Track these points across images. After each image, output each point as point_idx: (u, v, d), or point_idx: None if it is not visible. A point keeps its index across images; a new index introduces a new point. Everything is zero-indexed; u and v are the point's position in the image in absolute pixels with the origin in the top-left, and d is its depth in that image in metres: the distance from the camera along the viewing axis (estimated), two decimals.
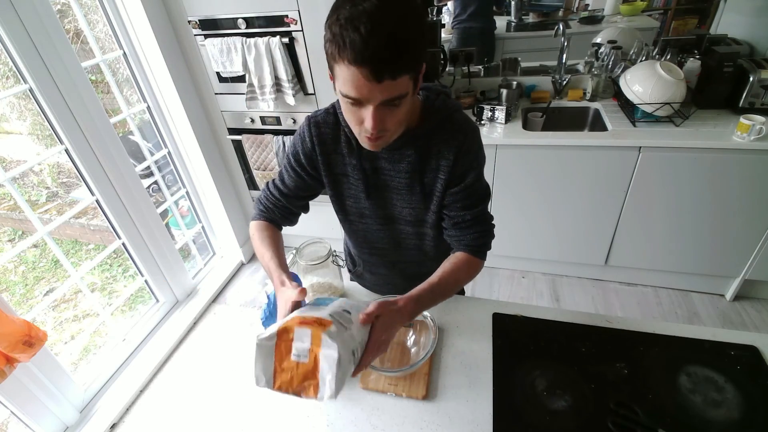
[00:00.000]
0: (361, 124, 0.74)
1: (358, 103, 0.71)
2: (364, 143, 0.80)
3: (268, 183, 1.03)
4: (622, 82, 1.93)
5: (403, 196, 0.94)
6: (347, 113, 0.76)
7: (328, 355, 0.63)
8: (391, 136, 0.80)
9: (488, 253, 0.96)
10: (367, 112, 0.71)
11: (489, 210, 0.96)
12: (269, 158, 2.32)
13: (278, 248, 0.94)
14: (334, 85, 0.74)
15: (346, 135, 0.91)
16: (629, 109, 1.96)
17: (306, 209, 1.06)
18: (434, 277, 0.87)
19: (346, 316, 0.70)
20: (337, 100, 0.91)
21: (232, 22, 1.97)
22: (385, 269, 1.13)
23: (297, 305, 0.75)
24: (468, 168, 0.88)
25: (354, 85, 0.67)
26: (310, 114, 0.94)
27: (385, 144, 0.81)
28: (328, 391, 0.63)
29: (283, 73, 2.01)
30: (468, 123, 0.89)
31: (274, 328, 0.66)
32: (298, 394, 0.66)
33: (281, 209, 1.01)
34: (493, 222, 0.96)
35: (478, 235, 0.93)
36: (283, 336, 0.65)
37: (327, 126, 0.92)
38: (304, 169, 0.96)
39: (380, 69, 0.65)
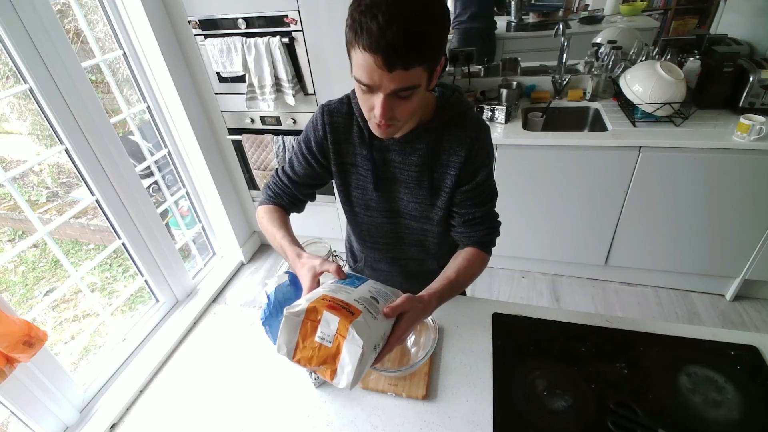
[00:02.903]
0: (372, 110, 0.75)
1: (369, 89, 0.72)
2: (374, 129, 0.81)
3: (277, 169, 1.05)
4: (622, 82, 1.93)
5: (410, 190, 0.95)
6: (360, 98, 0.77)
7: (352, 349, 0.63)
8: (401, 126, 0.80)
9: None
10: (378, 100, 0.72)
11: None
12: (269, 158, 2.32)
13: (288, 228, 0.96)
14: (351, 68, 0.75)
15: (358, 125, 0.92)
16: (629, 109, 1.96)
17: (313, 198, 1.07)
18: (451, 273, 0.88)
19: (375, 305, 0.70)
20: (352, 90, 0.92)
21: (232, 22, 1.97)
22: (386, 265, 1.13)
23: (317, 275, 0.77)
24: (480, 165, 0.90)
25: (366, 71, 0.68)
26: (324, 102, 0.95)
27: (395, 132, 0.82)
28: (344, 381, 0.64)
29: (283, 73, 2.01)
30: (481, 121, 0.90)
31: (304, 304, 0.67)
32: (314, 371, 0.67)
33: (289, 196, 1.02)
34: (499, 220, 0.98)
35: (487, 232, 0.95)
36: (311, 315, 0.66)
37: (340, 115, 0.93)
38: (314, 156, 0.97)
39: (392, 59, 0.65)
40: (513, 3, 2.39)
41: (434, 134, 0.89)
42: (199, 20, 2.01)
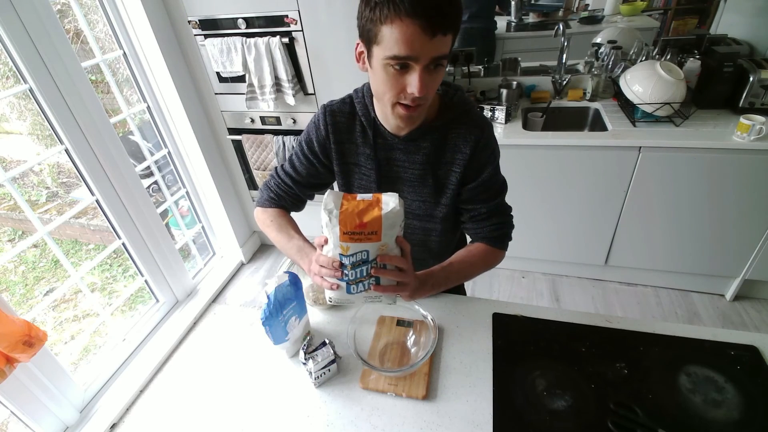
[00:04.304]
0: (402, 92, 0.75)
1: (404, 66, 0.71)
2: (399, 117, 0.80)
3: (276, 169, 1.04)
4: (622, 82, 1.93)
5: (414, 189, 0.95)
6: (387, 83, 0.75)
7: (391, 195, 0.72)
8: (423, 111, 0.81)
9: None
10: (413, 76, 0.72)
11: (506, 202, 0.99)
12: (269, 158, 2.32)
13: (300, 232, 0.98)
14: (368, 64, 0.76)
15: (361, 124, 0.92)
16: (629, 109, 1.96)
17: (312, 197, 1.08)
18: (447, 261, 0.90)
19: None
20: (354, 90, 0.92)
21: (232, 22, 1.97)
22: None
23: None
24: (485, 163, 0.90)
25: (407, 40, 0.68)
26: (326, 103, 0.95)
27: (419, 117, 0.82)
28: (392, 203, 0.71)
29: (283, 73, 2.01)
30: (484, 119, 0.91)
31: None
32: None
33: (292, 197, 1.03)
34: (511, 213, 0.99)
35: (495, 227, 0.96)
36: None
37: (342, 115, 0.93)
38: (316, 156, 0.97)
39: (435, 21, 0.66)
40: (513, 3, 2.39)
41: (439, 132, 0.89)
42: (199, 20, 2.01)
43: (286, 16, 1.89)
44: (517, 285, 2.41)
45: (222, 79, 2.18)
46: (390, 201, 0.72)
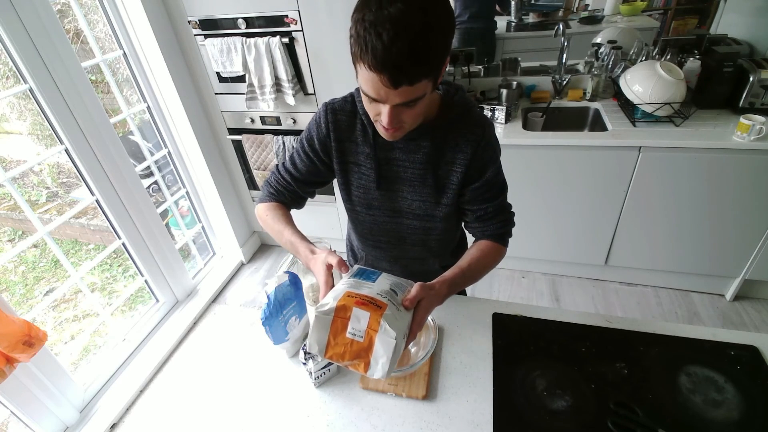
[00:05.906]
0: (378, 115, 0.77)
1: (375, 100, 0.73)
2: (382, 133, 0.83)
3: (278, 166, 1.05)
4: (622, 82, 1.93)
5: (414, 188, 0.95)
6: (366, 105, 0.79)
7: (386, 341, 0.66)
8: (408, 129, 0.82)
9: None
10: (384, 109, 0.74)
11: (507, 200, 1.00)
12: (269, 158, 2.32)
13: (294, 225, 0.98)
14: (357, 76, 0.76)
15: (362, 123, 0.92)
16: (629, 109, 1.96)
17: (313, 195, 1.08)
18: (464, 263, 0.90)
19: (396, 297, 0.73)
20: (356, 89, 0.93)
21: (232, 22, 1.97)
22: (387, 264, 1.13)
23: (330, 268, 0.80)
24: (488, 162, 0.91)
25: (372, 87, 0.70)
26: (327, 101, 0.96)
27: (402, 135, 0.84)
28: (379, 372, 0.67)
29: (283, 73, 2.01)
30: (485, 119, 0.91)
31: (332, 303, 0.69)
32: (346, 366, 0.70)
33: (291, 193, 1.03)
34: (512, 210, 0.99)
35: (501, 224, 0.97)
36: (341, 313, 0.68)
37: (344, 113, 0.93)
38: (317, 154, 0.97)
39: (398, 77, 0.66)
40: (513, 3, 2.39)
41: (439, 132, 0.89)
42: (199, 20, 2.01)
43: (286, 16, 1.89)
44: (517, 285, 2.41)
45: (222, 79, 2.18)
46: (379, 364, 0.67)
